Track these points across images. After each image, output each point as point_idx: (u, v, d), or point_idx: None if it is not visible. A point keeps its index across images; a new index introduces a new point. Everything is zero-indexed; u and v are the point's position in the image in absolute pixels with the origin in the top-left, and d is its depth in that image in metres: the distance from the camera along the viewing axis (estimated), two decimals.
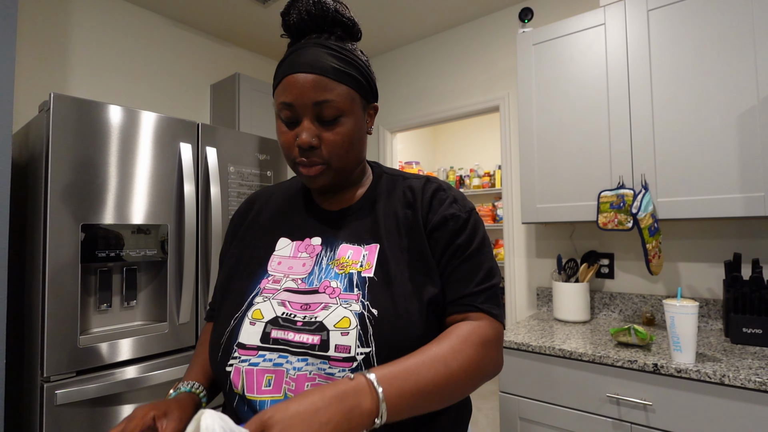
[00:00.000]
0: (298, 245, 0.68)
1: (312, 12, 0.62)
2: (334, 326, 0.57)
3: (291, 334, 0.57)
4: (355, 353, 0.54)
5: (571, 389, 1.43)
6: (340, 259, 0.64)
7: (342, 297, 0.60)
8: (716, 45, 1.47)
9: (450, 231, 0.65)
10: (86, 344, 1.30)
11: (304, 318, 0.59)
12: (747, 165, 1.41)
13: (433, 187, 0.69)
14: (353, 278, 0.61)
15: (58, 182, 1.27)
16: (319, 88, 0.60)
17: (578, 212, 1.75)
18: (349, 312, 0.58)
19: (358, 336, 0.55)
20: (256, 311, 0.61)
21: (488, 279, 0.64)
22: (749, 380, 1.14)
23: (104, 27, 2.17)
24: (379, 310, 0.58)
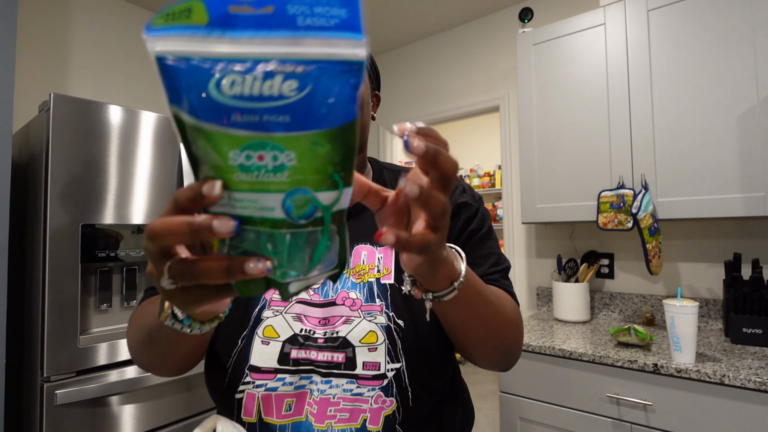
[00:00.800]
0: None
1: None
2: (359, 342, 0.52)
3: (313, 353, 0.52)
4: (386, 370, 0.51)
5: (571, 389, 1.43)
6: (356, 267, 0.59)
7: (364, 309, 0.55)
8: (716, 45, 1.47)
9: (462, 219, 0.63)
10: (86, 344, 1.30)
11: (324, 334, 0.53)
12: (747, 165, 1.41)
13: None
14: (373, 287, 0.56)
15: (58, 182, 1.27)
16: None
17: (578, 212, 1.75)
18: (375, 325, 0.53)
19: (387, 351, 0.52)
20: (268, 328, 0.54)
21: (501, 263, 0.62)
22: (749, 380, 1.14)
23: (104, 27, 2.17)
24: (405, 321, 0.54)
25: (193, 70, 0.22)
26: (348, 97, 0.23)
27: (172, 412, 1.48)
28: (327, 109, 0.23)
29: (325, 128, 0.23)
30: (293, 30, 0.22)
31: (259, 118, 0.22)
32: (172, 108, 0.23)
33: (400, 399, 0.52)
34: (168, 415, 1.47)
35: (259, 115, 0.22)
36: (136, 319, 0.53)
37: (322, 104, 0.22)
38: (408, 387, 0.52)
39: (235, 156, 0.23)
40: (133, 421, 1.38)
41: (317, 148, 0.23)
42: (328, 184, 0.24)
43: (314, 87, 0.22)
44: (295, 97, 0.22)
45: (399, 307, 0.55)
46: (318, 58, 0.22)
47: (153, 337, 0.47)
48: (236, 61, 0.22)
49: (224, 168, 0.23)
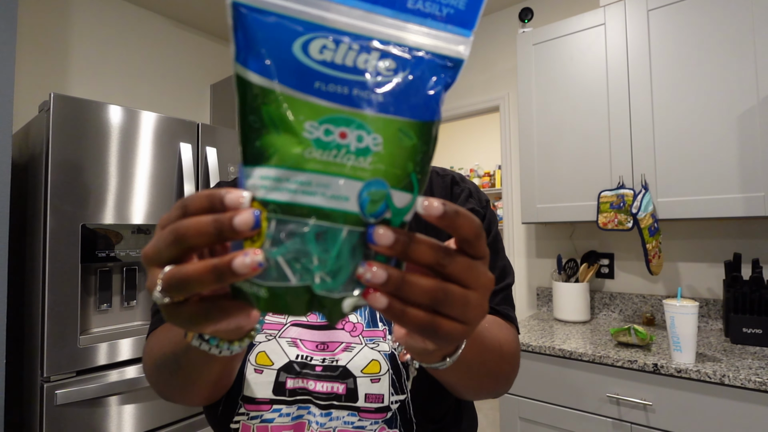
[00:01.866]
0: None
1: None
2: (361, 372, 0.48)
3: (311, 383, 0.48)
4: (389, 402, 0.48)
5: (571, 389, 1.43)
6: None
7: (366, 334, 0.50)
8: (716, 45, 1.47)
9: None
10: (86, 344, 1.30)
11: (323, 361, 0.49)
12: (747, 165, 1.41)
13: (448, 181, 0.61)
14: (375, 310, 0.52)
15: (57, 182, 1.27)
16: None
17: (578, 212, 1.75)
18: (378, 353, 0.49)
19: (391, 382, 0.48)
20: (261, 354, 0.50)
21: (503, 278, 0.57)
22: (749, 380, 1.14)
23: (104, 27, 2.17)
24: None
25: (279, 26, 0.20)
26: (438, 94, 0.21)
27: (172, 412, 1.48)
28: (420, 100, 0.21)
29: (415, 119, 0.21)
30: (400, 11, 0.20)
31: (348, 90, 0.20)
32: (238, 66, 0.20)
33: (404, 430, 0.49)
34: (168, 415, 1.47)
35: (349, 88, 0.20)
36: (154, 349, 0.47)
37: (416, 93, 0.21)
38: (413, 418, 0.49)
39: (312, 128, 0.20)
40: (133, 421, 1.38)
41: (404, 138, 0.21)
42: (405, 183, 0.21)
43: (412, 73, 0.20)
44: (391, 78, 0.20)
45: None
46: (421, 47, 0.20)
47: (179, 363, 0.41)
48: (330, 29, 0.20)
49: (295, 140, 0.20)
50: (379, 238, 0.21)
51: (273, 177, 0.20)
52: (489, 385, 0.47)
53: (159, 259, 0.23)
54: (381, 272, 0.22)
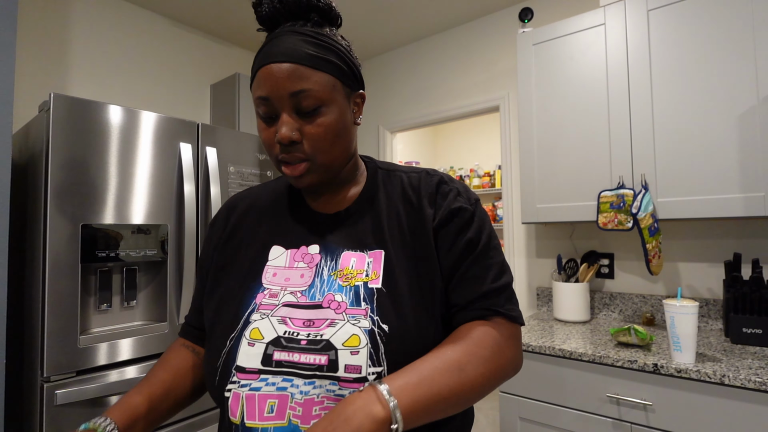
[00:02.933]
0: (294, 254, 0.62)
1: (284, 0, 0.58)
2: (342, 345, 0.52)
3: (296, 355, 0.53)
4: (366, 373, 0.51)
5: (571, 389, 1.43)
6: (344, 270, 0.58)
7: (349, 312, 0.55)
8: (716, 45, 1.47)
9: (457, 226, 0.61)
10: (86, 344, 1.30)
11: (308, 336, 0.54)
12: (747, 165, 1.41)
13: (435, 180, 0.65)
14: (359, 290, 0.56)
15: (58, 182, 1.27)
16: (295, 77, 0.55)
17: (578, 212, 1.75)
18: (358, 329, 0.53)
19: (369, 355, 0.52)
20: (254, 330, 0.56)
21: (503, 275, 0.60)
22: (749, 380, 1.14)
23: (104, 27, 2.17)
24: (390, 326, 0.54)
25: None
26: None
27: None
28: None
29: None
30: None
31: None
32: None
33: None
34: None
35: None
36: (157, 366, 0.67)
37: None
38: None
39: None
40: None
41: None
42: None
43: None
44: None
45: (384, 311, 0.55)
46: None
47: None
48: None
49: None
50: None
51: None
52: (464, 404, 0.53)
53: None
54: None
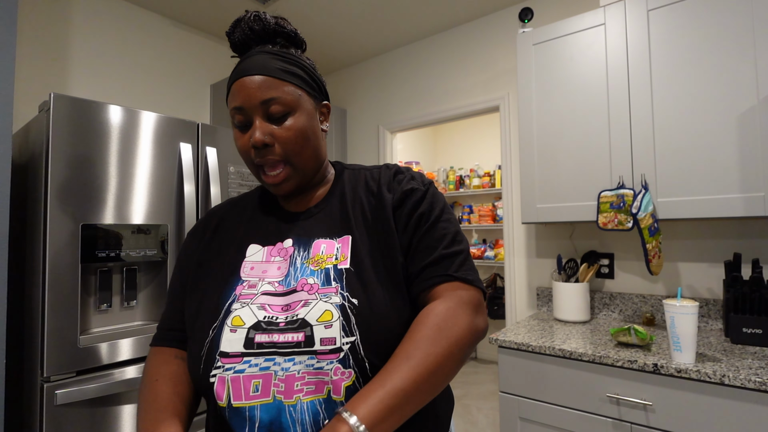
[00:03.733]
0: (270, 250, 0.67)
1: (254, 28, 0.67)
2: (316, 321, 0.57)
3: (275, 336, 0.57)
4: (341, 344, 0.55)
5: (571, 389, 1.43)
6: (315, 257, 0.64)
7: (321, 291, 0.60)
8: (716, 45, 1.47)
9: (410, 203, 0.67)
10: (86, 344, 1.30)
11: (286, 318, 0.59)
12: (747, 165, 1.41)
13: (392, 171, 0.72)
14: (330, 272, 0.62)
15: (58, 182, 1.27)
16: (265, 87, 0.63)
17: (578, 212, 1.75)
18: (330, 305, 0.58)
19: (341, 327, 0.56)
20: (236, 318, 0.60)
21: (455, 243, 0.64)
22: (749, 380, 1.14)
23: (104, 27, 2.17)
24: (359, 299, 0.59)
25: None
26: None
27: None
28: None
29: None
30: None
31: None
32: None
33: (357, 370, 0.55)
34: None
35: None
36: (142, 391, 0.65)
37: None
38: (364, 358, 0.55)
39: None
40: (133, 421, 1.38)
41: None
42: None
43: None
44: None
45: (354, 287, 0.60)
46: None
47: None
48: None
49: None
50: None
51: None
52: (442, 383, 0.56)
53: None
54: None
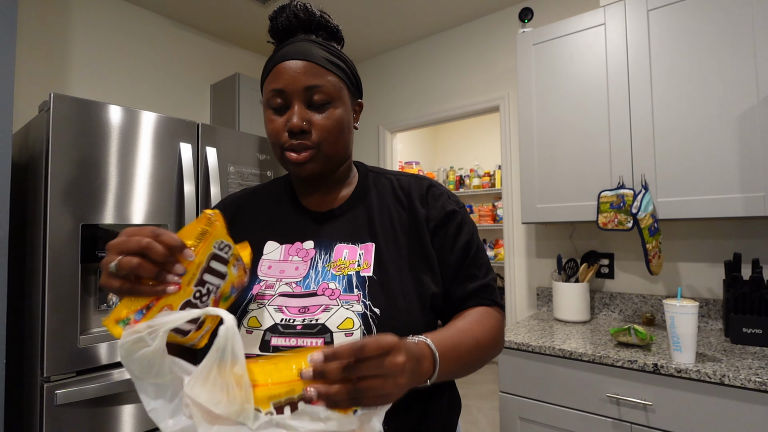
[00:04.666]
0: (288, 248, 0.66)
1: (300, 16, 0.65)
2: (337, 327, 0.56)
3: (292, 340, 0.56)
4: None
5: (571, 389, 1.43)
6: (337, 261, 0.63)
7: (342, 298, 0.59)
8: (716, 45, 1.47)
9: (453, 228, 0.67)
10: (86, 344, 1.30)
11: (303, 321, 0.57)
12: (747, 165, 1.41)
13: (425, 184, 0.71)
14: (352, 279, 0.60)
15: (58, 182, 1.27)
16: (311, 73, 0.61)
17: (578, 212, 1.75)
18: (351, 312, 0.57)
19: (362, 336, 0.55)
20: (252, 319, 0.59)
21: (489, 272, 0.69)
22: (749, 380, 1.14)
23: (104, 27, 2.17)
24: (381, 309, 0.58)
25: None
26: None
27: None
28: None
29: None
30: None
31: None
32: None
33: None
34: None
35: None
36: None
37: None
38: None
39: None
40: (133, 421, 1.38)
41: None
42: None
43: None
44: None
45: (376, 296, 0.59)
46: None
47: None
48: None
49: None
50: (305, 374, 0.39)
51: None
52: (471, 370, 0.60)
53: (120, 249, 0.44)
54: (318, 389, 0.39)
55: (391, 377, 0.41)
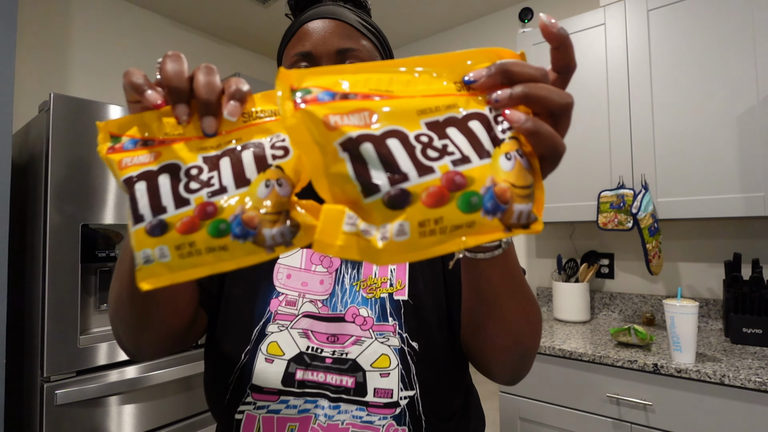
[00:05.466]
0: (310, 254, 0.55)
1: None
2: (371, 366, 0.48)
3: (321, 375, 0.48)
4: (398, 398, 0.47)
5: (571, 389, 1.43)
6: (367, 280, 0.53)
7: (376, 329, 0.50)
8: (716, 45, 1.47)
9: None
10: (86, 344, 1.30)
11: (333, 353, 0.49)
12: (747, 165, 1.41)
13: None
14: (385, 303, 0.52)
15: (58, 182, 1.27)
16: (344, 35, 0.53)
17: (578, 212, 1.75)
18: (387, 348, 0.49)
19: (400, 377, 0.48)
20: (272, 345, 0.50)
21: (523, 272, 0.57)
22: (749, 380, 1.14)
23: (104, 27, 2.17)
24: (419, 343, 0.50)
25: None
26: None
27: (172, 412, 1.48)
28: None
29: None
30: None
31: None
32: None
33: (413, 428, 0.48)
34: (168, 415, 1.47)
35: None
36: (114, 274, 0.46)
37: None
38: (422, 415, 0.48)
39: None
40: (133, 421, 1.38)
41: None
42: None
43: None
44: None
45: (413, 326, 0.51)
46: None
47: (123, 257, 0.42)
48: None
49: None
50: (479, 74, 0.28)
51: None
52: (518, 327, 0.44)
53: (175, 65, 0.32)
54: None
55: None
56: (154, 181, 0.30)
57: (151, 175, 0.30)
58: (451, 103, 0.27)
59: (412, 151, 0.25)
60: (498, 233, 0.25)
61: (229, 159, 0.30)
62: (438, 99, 0.27)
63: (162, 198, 0.29)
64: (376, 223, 0.24)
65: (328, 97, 0.25)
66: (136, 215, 0.29)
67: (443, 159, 0.25)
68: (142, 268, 0.28)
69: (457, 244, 0.24)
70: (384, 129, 0.25)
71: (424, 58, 0.28)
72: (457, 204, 0.24)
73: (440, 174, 0.24)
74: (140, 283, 0.28)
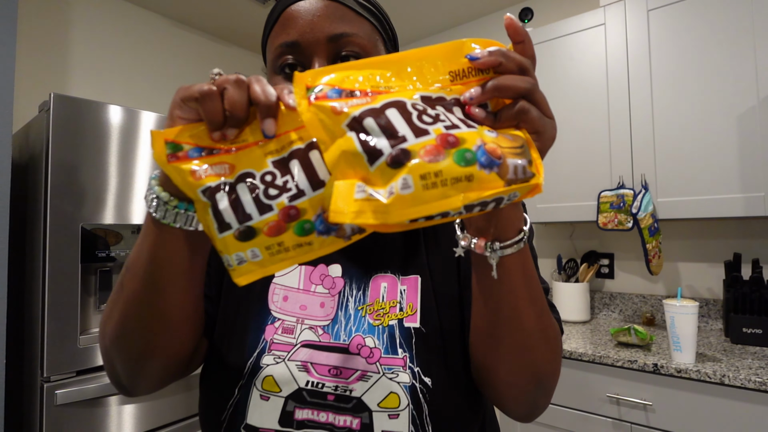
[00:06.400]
0: (309, 273, 0.49)
1: None
2: (378, 406, 0.43)
3: (322, 414, 0.43)
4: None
5: (571, 389, 1.43)
6: (374, 304, 0.47)
7: (384, 362, 0.44)
8: (716, 45, 1.47)
9: None
10: (86, 344, 1.30)
11: (335, 389, 0.44)
12: (747, 165, 1.41)
13: None
14: (395, 332, 0.46)
15: (58, 182, 1.27)
16: (336, 17, 0.44)
17: (578, 212, 1.75)
18: (397, 385, 0.43)
19: (411, 419, 0.43)
20: (268, 379, 0.44)
21: (545, 290, 0.50)
22: (749, 380, 1.14)
23: (104, 27, 2.17)
24: (433, 379, 0.44)
25: None
26: None
27: (172, 412, 1.48)
28: None
29: None
30: None
31: None
32: None
33: None
34: (168, 415, 1.47)
35: None
36: (112, 300, 0.42)
37: None
38: None
39: None
40: (133, 421, 1.38)
41: None
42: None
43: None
44: None
45: (425, 359, 0.45)
46: None
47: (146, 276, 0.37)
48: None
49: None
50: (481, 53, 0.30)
51: None
52: (533, 344, 0.40)
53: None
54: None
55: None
56: (233, 191, 0.32)
57: (229, 185, 0.32)
58: (444, 87, 0.31)
59: (409, 117, 0.28)
60: (498, 188, 0.27)
61: (298, 161, 0.32)
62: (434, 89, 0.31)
63: (245, 206, 0.31)
64: (383, 186, 0.26)
65: (336, 94, 0.29)
66: (222, 224, 0.31)
67: (437, 124, 0.28)
68: (236, 268, 0.31)
69: (461, 199, 0.26)
70: (384, 101, 0.28)
71: (423, 50, 0.31)
72: (454, 158, 0.26)
73: (435, 135, 0.27)
74: (236, 279, 0.31)
